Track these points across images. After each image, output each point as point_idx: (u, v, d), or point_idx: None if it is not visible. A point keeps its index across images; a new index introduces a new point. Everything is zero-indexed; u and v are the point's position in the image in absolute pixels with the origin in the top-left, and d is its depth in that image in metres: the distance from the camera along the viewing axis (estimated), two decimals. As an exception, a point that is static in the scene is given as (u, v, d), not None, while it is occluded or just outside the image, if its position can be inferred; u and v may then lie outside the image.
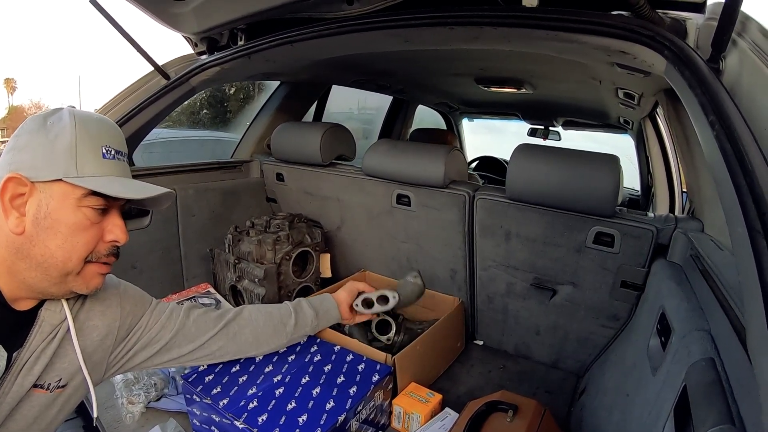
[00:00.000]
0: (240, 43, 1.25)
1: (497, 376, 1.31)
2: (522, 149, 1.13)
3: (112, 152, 0.65)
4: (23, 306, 0.67)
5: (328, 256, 1.53)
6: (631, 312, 1.12)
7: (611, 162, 1.00)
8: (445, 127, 3.09)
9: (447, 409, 1.08)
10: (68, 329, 0.71)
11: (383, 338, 1.24)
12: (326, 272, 1.53)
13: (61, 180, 0.60)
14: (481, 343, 1.43)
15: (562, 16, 0.74)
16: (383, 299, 1.13)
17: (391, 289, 1.12)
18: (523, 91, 1.91)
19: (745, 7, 0.63)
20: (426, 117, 2.97)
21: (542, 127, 2.98)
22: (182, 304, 1.01)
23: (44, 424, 0.73)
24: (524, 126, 3.16)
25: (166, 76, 1.39)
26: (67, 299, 0.70)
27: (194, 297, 1.41)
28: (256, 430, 0.84)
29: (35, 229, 0.61)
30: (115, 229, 0.66)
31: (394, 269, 1.52)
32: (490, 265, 1.28)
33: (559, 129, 3.00)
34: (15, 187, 0.60)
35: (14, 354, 0.65)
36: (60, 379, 0.71)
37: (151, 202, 0.71)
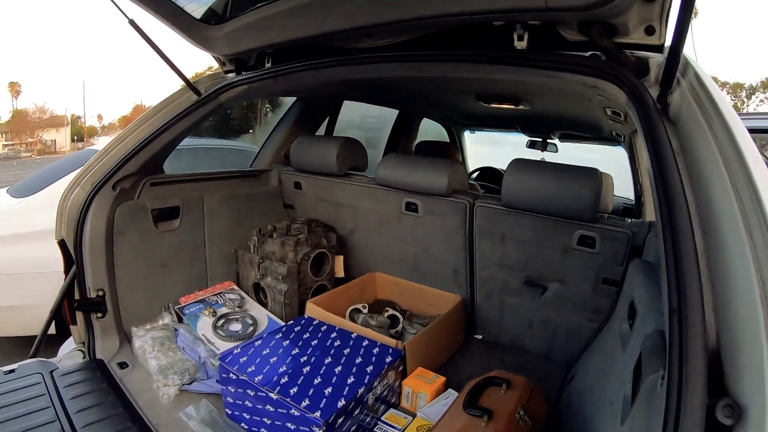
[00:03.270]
0: (267, 65, 1.44)
1: (495, 366, 1.47)
2: (515, 163, 1.31)
3: None
4: None
5: (341, 257, 1.71)
6: (612, 306, 1.30)
7: (592, 175, 1.18)
8: (447, 139, 3.29)
9: (450, 390, 1.24)
10: None
11: (392, 331, 1.42)
12: (340, 272, 1.71)
13: None
14: (480, 337, 1.60)
15: (545, 57, 0.92)
16: None
17: None
18: (521, 107, 2.10)
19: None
20: (429, 128, 3.17)
21: (540, 140, 3.17)
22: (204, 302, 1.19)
23: None
24: (524, 138, 3.36)
25: (197, 92, 1.57)
26: None
27: (221, 293, 1.58)
28: (289, 399, 1.01)
29: None
30: None
31: (401, 270, 1.69)
32: (488, 265, 1.46)
33: (556, 141, 3.20)
34: None
35: None
36: None
37: None
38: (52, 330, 2.84)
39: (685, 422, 0.41)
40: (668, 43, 0.77)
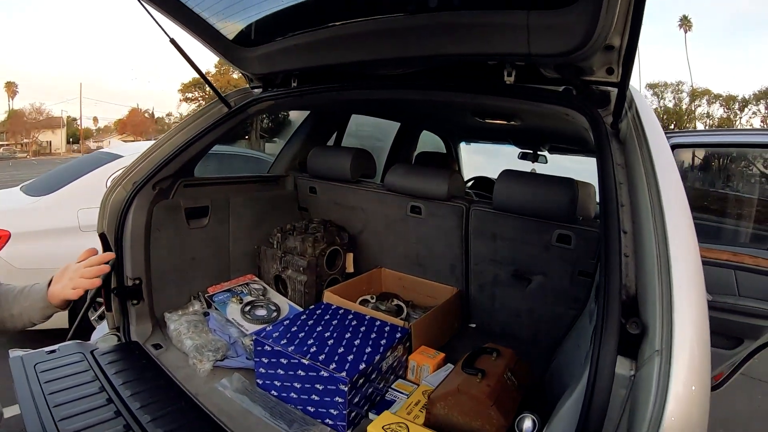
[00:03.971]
0: (293, 84, 1.70)
1: (487, 350, 1.75)
2: (505, 173, 1.60)
3: None
4: None
5: (351, 254, 1.96)
6: (587, 295, 1.57)
7: (568, 184, 1.47)
8: (444, 150, 3.59)
9: (448, 364, 1.50)
10: None
11: (398, 318, 1.68)
12: (350, 268, 1.96)
13: None
14: (474, 325, 1.86)
15: (528, 91, 1.20)
16: None
17: None
18: (512, 122, 2.41)
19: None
20: (427, 139, 3.46)
21: (531, 152, 3.49)
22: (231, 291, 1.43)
23: None
24: (516, 150, 3.68)
25: (228, 105, 1.82)
26: None
27: (247, 283, 1.83)
28: (319, 363, 1.26)
29: None
30: None
31: (405, 265, 1.96)
32: (481, 261, 1.73)
33: (546, 153, 3.52)
34: None
35: None
36: None
37: None
38: (64, 324, 3.05)
39: (607, 330, 0.68)
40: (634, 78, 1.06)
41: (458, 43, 1.22)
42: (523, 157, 3.57)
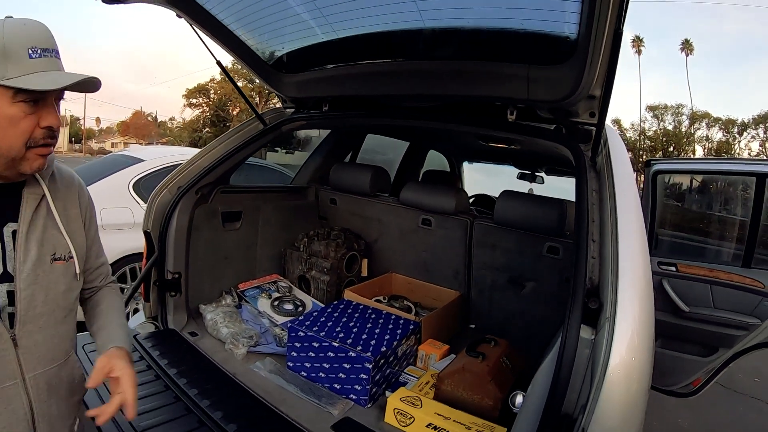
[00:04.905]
0: (325, 108, 2.03)
1: (484, 347, 2.06)
2: (505, 193, 1.94)
3: (39, 51, 0.78)
4: None
5: (366, 260, 2.28)
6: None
7: (558, 203, 1.80)
8: (448, 168, 3.96)
9: (452, 354, 1.82)
10: (48, 202, 0.91)
11: (409, 314, 2.00)
12: (365, 272, 2.27)
13: None
14: (473, 326, 2.17)
15: (526, 128, 1.53)
16: None
17: None
18: (513, 146, 2.77)
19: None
20: (432, 157, 3.82)
21: (529, 173, 3.87)
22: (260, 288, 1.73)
23: (71, 295, 0.95)
24: (515, 170, 4.05)
25: (264, 123, 2.13)
26: (42, 180, 0.90)
27: (274, 281, 2.14)
28: (347, 344, 1.56)
29: None
30: (49, 116, 0.81)
31: (413, 271, 2.27)
32: (481, 268, 2.05)
33: (543, 175, 3.90)
34: None
35: (11, 227, 0.85)
36: (69, 252, 0.93)
37: (80, 87, 0.83)
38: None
39: (574, 306, 1.00)
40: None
41: (471, 86, 1.56)
42: (522, 177, 3.95)
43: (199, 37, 1.77)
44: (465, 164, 4.09)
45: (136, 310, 2.70)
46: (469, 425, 1.38)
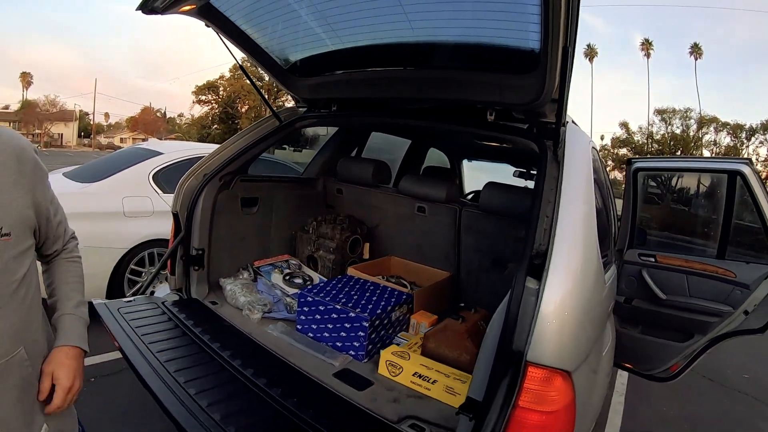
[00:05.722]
0: (333, 108, 2.36)
1: (470, 322, 2.39)
2: (489, 184, 2.26)
3: None
4: None
5: (368, 244, 2.62)
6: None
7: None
8: (448, 165, 4.29)
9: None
10: None
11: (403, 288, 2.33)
12: (366, 254, 2.61)
13: None
14: (462, 305, 2.49)
15: (503, 127, 1.85)
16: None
17: None
18: (504, 145, 3.09)
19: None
20: (434, 156, 4.16)
21: (525, 170, 4.18)
22: (273, 265, 2.09)
23: (11, 275, 0.87)
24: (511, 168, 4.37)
25: (279, 120, 2.47)
26: None
27: (286, 260, 2.49)
28: (348, 307, 1.90)
29: None
30: None
31: (410, 254, 2.60)
32: (469, 251, 2.39)
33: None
34: None
35: None
36: (1, 228, 0.85)
37: None
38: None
39: (523, 263, 1.32)
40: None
41: (455, 91, 1.88)
42: (520, 175, 4.27)
43: (224, 44, 2.12)
44: (465, 162, 4.43)
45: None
46: (448, 374, 1.70)
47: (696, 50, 44.18)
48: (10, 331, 0.89)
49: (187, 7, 1.79)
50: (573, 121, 2.09)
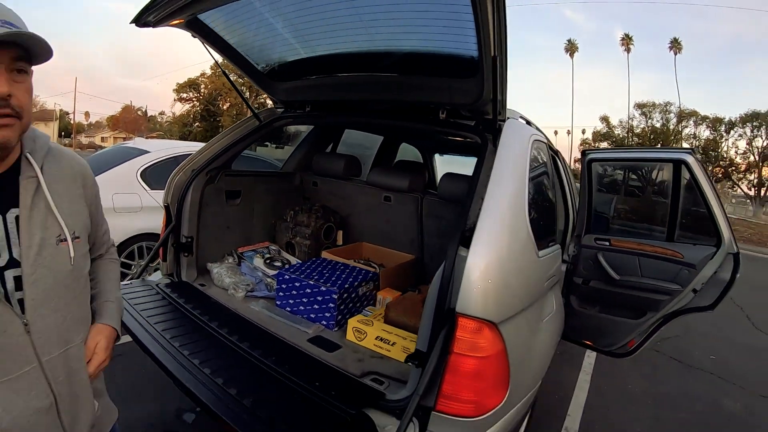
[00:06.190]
0: (307, 109, 2.67)
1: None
2: (446, 174, 2.59)
3: None
4: None
5: (341, 231, 2.94)
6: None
7: (485, 182, 2.47)
8: (421, 160, 4.62)
9: (403, 297, 2.47)
10: (42, 185, 0.95)
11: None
12: (340, 241, 2.93)
13: None
14: (427, 286, 2.83)
15: (453, 124, 2.16)
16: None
17: None
18: (467, 139, 3.42)
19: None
20: (408, 151, 4.49)
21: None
22: (255, 251, 2.41)
23: (80, 274, 1.03)
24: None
25: (259, 119, 2.77)
26: (35, 163, 0.96)
27: (267, 246, 2.80)
28: (319, 282, 2.22)
29: None
30: None
31: (379, 240, 2.91)
32: (431, 235, 2.72)
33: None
34: None
35: (14, 213, 0.90)
36: (74, 232, 0.99)
37: (35, 50, 0.87)
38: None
39: (456, 235, 1.63)
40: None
41: (411, 93, 2.20)
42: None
43: (208, 51, 2.42)
44: (437, 157, 4.77)
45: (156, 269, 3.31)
46: (405, 337, 2.02)
47: (676, 45, 45.23)
48: (81, 316, 1.06)
49: (176, 21, 2.04)
50: (523, 118, 2.42)
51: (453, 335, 1.51)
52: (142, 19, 1.95)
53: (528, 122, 2.51)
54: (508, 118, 2.10)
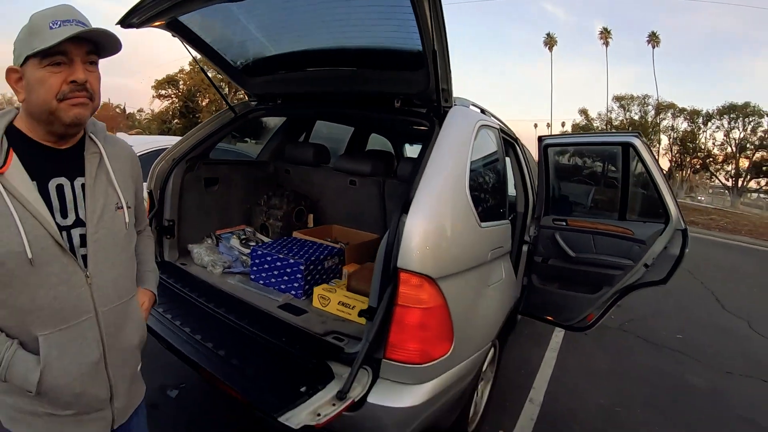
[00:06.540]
0: (279, 102, 2.94)
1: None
2: (404, 159, 2.89)
3: (58, 23, 0.95)
4: (62, 145, 1.07)
5: (311, 214, 3.23)
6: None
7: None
8: (392, 150, 4.92)
9: (366, 270, 2.76)
10: (105, 160, 1.12)
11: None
12: (311, 223, 3.21)
13: (28, 58, 0.96)
14: (391, 261, 3.12)
15: (408, 112, 2.43)
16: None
17: None
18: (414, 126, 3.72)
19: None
20: (379, 140, 4.79)
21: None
22: (232, 232, 2.70)
23: (130, 238, 1.20)
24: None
25: (234, 112, 3.03)
26: (99, 142, 1.13)
27: (243, 229, 3.08)
28: (288, 255, 2.50)
29: (28, 95, 0.98)
30: (73, 72, 0.97)
31: (346, 221, 3.19)
32: (391, 215, 3.00)
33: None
34: (12, 75, 1.00)
35: (80, 181, 1.07)
36: (127, 202, 1.16)
37: (100, 46, 1.03)
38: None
39: (401, 205, 1.93)
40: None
41: (369, 85, 2.49)
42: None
43: (188, 51, 2.68)
44: (408, 146, 5.07)
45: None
46: (364, 301, 2.31)
47: (654, 39, 46.10)
48: (131, 276, 1.22)
49: (158, 23, 2.25)
50: (478, 107, 2.70)
51: (396, 289, 1.73)
52: (127, 21, 2.15)
53: (482, 110, 2.77)
54: (456, 105, 2.33)
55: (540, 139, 3.58)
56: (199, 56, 2.68)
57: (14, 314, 0.99)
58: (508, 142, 3.37)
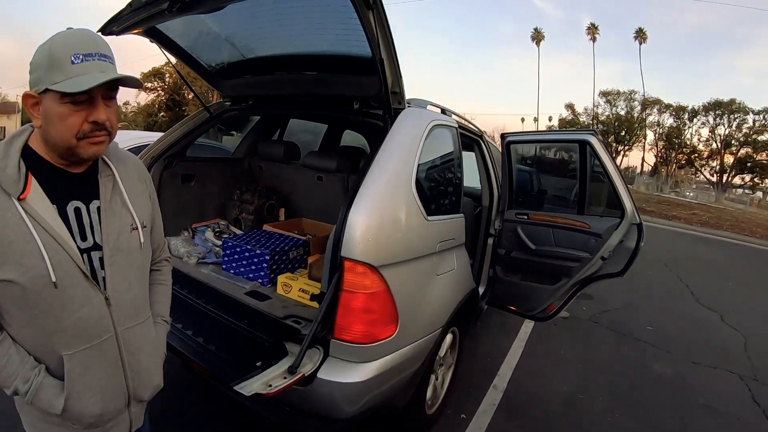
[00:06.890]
0: (250, 102, 3.18)
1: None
2: (366, 156, 3.14)
3: (80, 57, 0.95)
4: (77, 170, 1.08)
5: (282, 209, 3.48)
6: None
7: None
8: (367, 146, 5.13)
9: (330, 261, 3.01)
10: (119, 182, 1.13)
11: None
12: (282, 217, 3.44)
13: (48, 89, 0.95)
14: (357, 252, 3.37)
15: (365, 113, 2.66)
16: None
17: None
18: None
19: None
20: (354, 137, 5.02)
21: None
22: (207, 226, 2.96)
23: (146, 259, 1.23)
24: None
25: (209, 112, 3.25)
26: (112, 164, 1.14)
27: (217, 222, 3.32)
28: (255, 246, 2.75)
29: (44, 124, 0.99)
30: (94, 112, 0.98)
31: (315, 215, 3.42)
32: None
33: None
34: (29, 100, 0.99)
35: (96, 204, 1.09)
36: (143, 222, 1.17)
37: (120, 83, 1.01)
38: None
39: (351, 196, 2.17)
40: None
41: (329, 88, 2.72)
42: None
43: (165, 55, 2.90)
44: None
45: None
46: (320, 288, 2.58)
47: (640, 35, 46.54)
48: (146, 296, 1.24)
49: (137, 30, 2.42)
50: (439, 107, 2.92)
51: (341, 275, 1.92)
52: (107, 29, 2.31)
53: (443, 110, 2.98)
54: (410, 107, 2.52)
55: (503, 136, 3.74)
56: (176, 61, 2.89)
57: (41, 334, 1.03)
58: (472, 139, 3.57)
